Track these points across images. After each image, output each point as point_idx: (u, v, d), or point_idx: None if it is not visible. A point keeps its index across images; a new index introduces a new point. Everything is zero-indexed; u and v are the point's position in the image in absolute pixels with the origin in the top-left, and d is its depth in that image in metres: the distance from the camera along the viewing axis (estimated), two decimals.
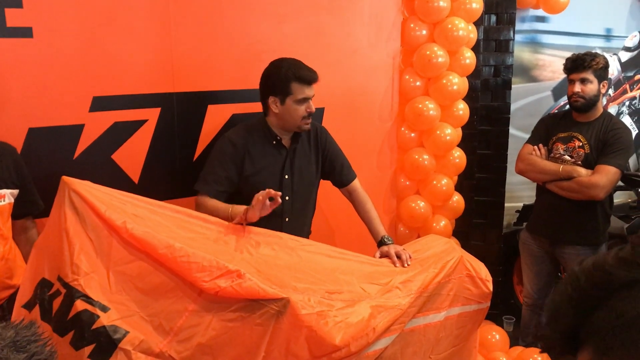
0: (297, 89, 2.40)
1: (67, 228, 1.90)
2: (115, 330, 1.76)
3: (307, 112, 2.43)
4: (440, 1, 3.26)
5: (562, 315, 0.74)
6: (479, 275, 2.38)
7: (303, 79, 2.40)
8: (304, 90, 2.40)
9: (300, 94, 2.40)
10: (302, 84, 2.40)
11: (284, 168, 2.52)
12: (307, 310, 1.80)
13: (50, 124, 2.35)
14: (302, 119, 2.44)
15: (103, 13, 2.39)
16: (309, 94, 2.42)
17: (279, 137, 2.51)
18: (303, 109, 2.42)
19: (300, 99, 2.41)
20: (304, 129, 2.49)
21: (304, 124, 2.46)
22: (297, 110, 2.42)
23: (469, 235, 3.94)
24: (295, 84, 2.39)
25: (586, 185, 2.90)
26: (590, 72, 2.95)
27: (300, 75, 2.40)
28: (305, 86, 2.41)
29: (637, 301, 0.68)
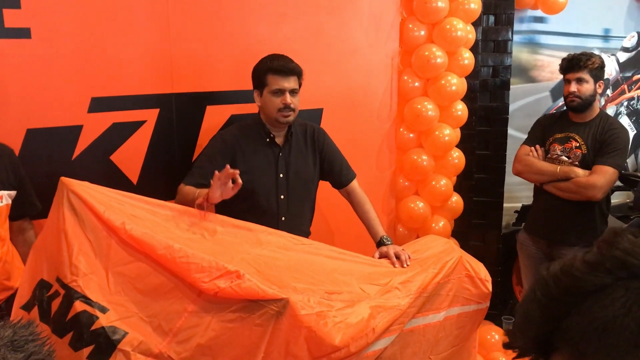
0: (271, 80, 2.41)
1: (65, 229, 1.90)
2: (115, 331, 1.76)
3: (282, 104, 2.41)
4: (438, 2, 3.26)
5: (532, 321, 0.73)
6: (478, 276, 2.37)
7: (276, 70, 2.40)
8: (278, 82, 2.40)
9: (275, 85, 2.41)
10: (276, 74, 2.40)
11: (278, 167, 2.52)
12: (307, 311, 1.79)
13: (49, 124, 2.35)
14: (278, 111, 2.43)
15: (101, 14, 2.39)
16: (284, 85, 2.41)
17: (272, 134, 2.51)
18: (279, 101, 2.41)
19: (275, 90, 2.41)
20: (283, 122, 2.46)
21: (282, 117, 2.44)
22: (273, 102, 2.42)
23: (468, 236, 3.94)
24: (270, 75, 2.40)
25: (584, 186, 2.89)
26: (586, 71, 2.95)
27: (274, 66, 2.40)
28: (280, 77, 2.40)
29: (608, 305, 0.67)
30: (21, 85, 2.26)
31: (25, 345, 0.86)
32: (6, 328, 0.88)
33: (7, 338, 0.86)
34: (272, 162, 2.52)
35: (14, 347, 0.85)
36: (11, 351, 0.84)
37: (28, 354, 0.85)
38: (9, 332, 0.87)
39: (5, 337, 0.86)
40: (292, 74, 2.42)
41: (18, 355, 0.84)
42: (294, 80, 2.44)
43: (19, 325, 0.89)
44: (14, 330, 0.88)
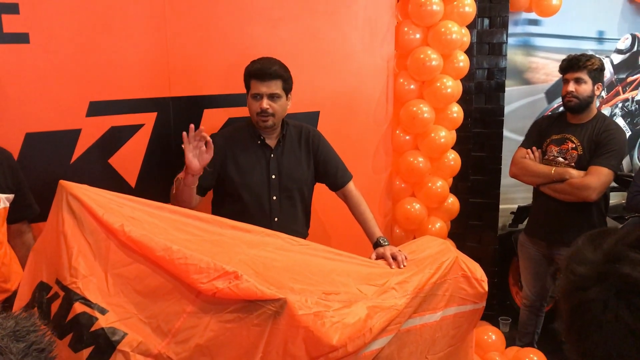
0: (252, 84, 2.44)
1: (65, 231, 1.91)
2: (114, 332, 1.77)
3: (259, 109, 2.43)
4: (433, 5, 3.29)
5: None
6: (474, 276, 2.39)
7: (255, 74, 2.42)
8: (256, 86, 2.42)
9: (254, 89, 2.44)
10: (255, 79, 2.43)
11: (270, 168, 2.53)
12: (304, 311, 1.81)
13: (47, 128, 2.36)
14: (256, 115, 2.45)
15: (99, 19, 2.41)
16: (261, 89, 2.42)
17: (262, 136, 2.53)
18: (257, 105, 2.43)
19: (253, 94, 2.44)
20: (262, 127, 2.48)
21: (260, 121, 2.45)
22: (252, 106, 2.46)
23: (464, 237, 3.96)
24: (252, 79, 2.44)
25: (578, 187, 2.91)
26: (585, 72, 2.97)
27: (252, 70, 2.43)
28: (258, 81, 2.41)
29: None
30: (20, 89, 2.27)
31: (26, 335, 0.88)
32: (8, 319, 0.90)
33: (9, 328, 0.88)
34: (264, 164, 2.54)
35: (16, 337, 0.87)
36: (13, 341, 0.87)
37: (29, 344, 0.88)
38: (11, 323, 0.89)
39: (8, 327, 0.88)
40: (271, 78, 2.41)
41: (20, 345, 0.87)
42: (275, 84, 2.42)
43: (21, 317, 0.91)
44: (16, 321, 0.90)
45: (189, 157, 2.21)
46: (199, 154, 2.23)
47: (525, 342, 3.46)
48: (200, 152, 2.22)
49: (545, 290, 3.38)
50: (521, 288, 3.48)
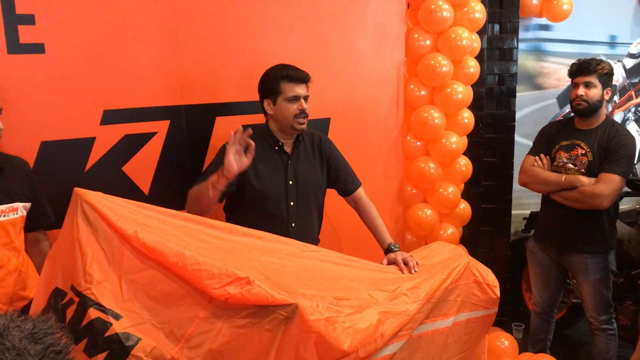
0: (286, 87, 2.46)
1: (79, 238, 1.94)
2: (128, 338, 1.79)
3: (299, 110, 2.47)
4: (443, 11, 3.30)
5: None
6: (486, 281, 2.39)
7: (291, 77, 2.46)
8: (293, 89, 2.46)
9: (290, 92, 2.46)
10: (291, 82, 2.46)
11: (287, 173, 2.55)
12: (316, 316, 1.81)
13: (62, 137, 2.40)
14: (294, 117, 2.48)
15: (113, 29, 2.45)
16: (299, 92, 2.47)
17: (280, 142, 2.55)
18: (295, 107, 2.47)
19: (291, 97, 2.46)
20: (298, 129, 2.51)
21: (297, 123, 2.49)
22: (289, 109, 2.47)
23: (476, 243, 3.95)
24: (285, 83, 2.46)
25: (589, 195, 2.89)
26: (594, 76, 2.96)
27: (289, 74, 2.46)
28: (295, 84, 2.46)
29: None
30: (35, 99, 2.31)
31: (44, 337, 0.91)
32: (27, 322, 0.93)
33: (27, 331, 0.90)
34: (281, 170, 2.56)
35: (34, 339, 0.90)
36: (31, 343, 0.89)
37: (47, 346, 0.90)
38: (29, 326, 0.92)
39: (26, 329, 0.91)
40: (305, 81, 2.49)
41: (37, 346, 0.89)
42: (305, 87, 2.51)
43: (39, 320, 0.94)
44: (34, 324, 0.92)
45: (230, 158, 2.21)
46: (238, 158, 2.24)
47: (537, 348, 3.44)
48: (240, 156, 2.23)
49: (556, 297, 3.36)
50: (532, 295, 3.46)
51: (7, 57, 2.23)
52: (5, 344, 0.87)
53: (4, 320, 0.92)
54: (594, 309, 3.11)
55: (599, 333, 3.15)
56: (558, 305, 3.44)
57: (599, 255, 3.03)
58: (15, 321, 0.92)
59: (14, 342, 0.87)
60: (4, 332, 0.89)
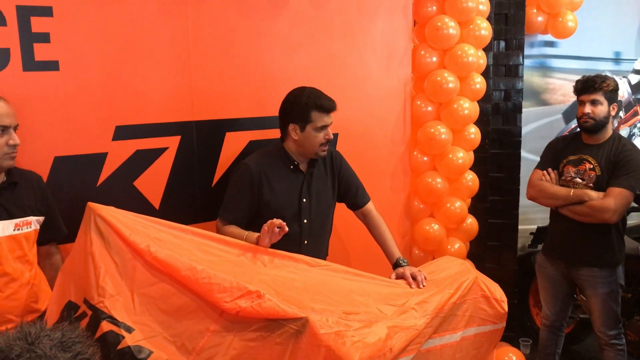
0: (317, 117, 2.49)
1: (92, 252, 1.97)
2: (140, 350, 1.81)
3: (325, 139, 2.51)
4: (450, 28, 3.34)
5: None
6: (494, 296, 2.40)
7: (323, 108, 2.49)
8: (323, 119, 2.49)
9: (320, 122, 2.49)
10: (321, 112, 2.49)
11: (302, 192, 2.58)
12: (326, 330, 1.83)
13: (75, 152, 2.43)
14: (320, 145, 2.52)
15: (125, 46, 2.49)
16: (327, 121, 2.51)
17: (296, 162, 2.58)
18: (322, 136, 2.50)
19: (320, 127, 2.50)
20: (321, 155, 2.56)
21: (321, 151, 2.54)
22: (316, 138, 2.50)
23: (483, 258, 3.95)
24: (315, 112, 2.48)
25: (598, 209, 2.90)
26: (600, 93, 2.98)
27: (321, 104, 2.49)
28: (325, 114, 2.50)
29: None
30: (49, 115, 2.35)
31: (73, 346, 0.94)
32: (56, 331, 0.96)
33: (56, 339, 0.93)
34: (296, 188, 2.58)
35: (63, 348, 0.93)
36: (60, 351, 0.92)
37: (75, 354, 0.93)
38: (58, 334, 0.95)
39: (55, 338, 0.94)
40: (333, 110, 2.53)
41: (67, 355, 0.92)
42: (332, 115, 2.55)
43: (67, 329, 0.96)
44: (62, 332, 0.95)
45: (264, 238, 2.25)
46: (272, 235, 2.27)
47: None
48: (273, 233, 2.26)
49: (565, 311, 3.35)
50: (541, 309, 3.45)
51: (22, 74, 2.27)
52: (37, 351, 0.90)
53: (35, 330, 0.95)
54: (603, 324, 3.10)
55: (608, 348, 3.13)
56: (567, 319, 3.43)
57: (608, 269, 3.04)
58: (44, 330, 0.95)
59: (45, 350, 0.90)
60: (35, 341, 0.92)
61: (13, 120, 2.09)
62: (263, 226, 2.25)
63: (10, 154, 2.09)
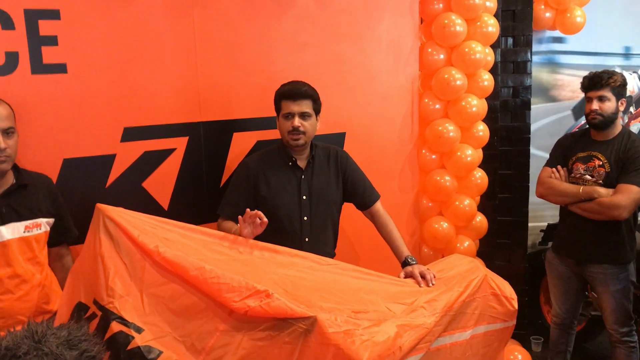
0: (283, 104, 2.51)
1: (102, 253, 1.98)
2: (150, 351, 1.82)
3: (291, 127, 2.49)
4: (457, 26, 3.33)
5: None
6: (504, 294, 2.38)
7: (287, 94, 2.50)
8: (288, 106, 2.49)
9: (285, 109, 2.50)
10: (286, 99, 2.50)
11: (301, 189, 2.58)
12: (334, 329, 1.82)
13: (84, 154, 2.45)
14: (288, 133, 2.51)
15: (133, 48, 2.51)
16: (292, 108, 2.49)
17: (294, 158, 2.58)
18: (289, 124, 2.50)
19: (285, 114, 2.50)
20: (292, 145, 2.54)
21: (292, 139, 2.51)
22: (284, 125, 2.52)
23: (493, 256, 3.94)
24: (283, 100, 2.51)
25: (608, 206, 2.88)
26: (608, 89, 2.96)
27: (284, 91, 2.52)
28: (289, 101, 2.49)
29: None
30: (58, 117, 2.37)
31: (79, 344, 0.95)
32: (62, 329, 0.97)
33: (63, 338, 0.94)
34: (295, 185, 2.58)
35: (70, 346, 0.94)
36: (67, 349, 0.93)
37: (81, 352, 0.94)
38: (64, 333, 0.96)
39: (62, 336, 0.95)
40: (302, 97, 2.50)
41: (73, 352, 0.93)
42: (306, 104, 2.51)
43: (73, 327, 0.97)
44: (68, 331, 0.96)
45: (242, 229, 2.28)
46: (253, 228, 2.28)
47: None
48: (254, 225, 2.28)
49: (576, 308, 3.33)
50: (552, 307, 3.43)
51: (31, 77, 2.29)
52: (44, 349, 0.90)
53: (41, 328, 0.96)
54: (615, 321, 3.08)
55: (620, 345, 3.11)
56: (578, 317, 3.41)
57: (619, 266, 3.01)
58: (51, 328, 0.96)
59: (51, 348, 0.91)
60: (42, 339, 0.93)
61: (5, 123, 2.03)
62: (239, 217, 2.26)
63: None
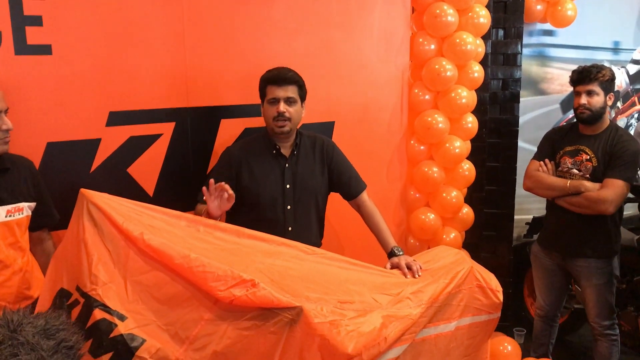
0: (268, 90, 2.49)
1: (85, 239, 1.95)
2: (133, 339, 1.80)
3: (276, 112, 2.47)
4: (448, 16, 3.31)
5: None
6: (489, 286, 2.39)
7: (271, 80, 2.48)
8: (273, 91, 2.47)
9: (270, 94, 2.48)
10: (271, 84, 2.48)
11: (285, 178, 2.56)
12: (320, 319, 1.82)
13: (68, 138, 2.41)
14: (272, 119, 2.49)
15: (119, 31, 2.46)
16: (278, 94, 2.47)
17: (277, 146, 2.56)
18: (274, 109, 2.47)
19: (270, 99, 2.48)
20: (277, 132, 2.51)
21: (277, 126, 2.49)
22: (268, 111, 2.50)
23: (478, 248, 3.96)
24: (268, 86, 2.49)
25: (594, 201, 2.90)
26: (596, 84, 2.96)
27: (269, 76, 2.49)
28: (274, 86, 2.47)
29: None
30: (42, 99, 2.32)
31: (56, 333, 0.92)
32: (39, 318, 0.94)
33: (40, 327, 0.92)
34: (279, 173, 2.56)
35: (47, 335, 0.91)
36: (44, 338, 0.90)
37: (59, 341, 0.91)
38: (41, 322, 0.93)
39: (39, 325, 0.92)
40: (287, 83, 2.48)
41: (50, 342, 0.91)
42: (291, 89, 2.49)
43: (51, 316, 0.95)
44: (46, 320, 0.94)
45: (211, 207, 2.27)
46: (220, 202, 2.28)
47: (539, 353, 3.44)
48: (221, 200, 2.27)
49: (560, 301, 3.36)
50: (536, 299, 3.46)
51: (14, 58, 2.23)
52: (19, 339, 0.88)
53: (17, 317, 0.93)
54: (597, 315, 3.11)
55: (602, 338, 3.15)
56: (561, 309, 3.44)
57: (604, 260, 3.04)
58: (27, 317, 0.94)
59: (27, 337, 0.88)
60: (17, 328, 0.90)
61: (3, 104, 2.06)
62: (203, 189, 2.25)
63: (3, 139, 2.06)
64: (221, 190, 2.25)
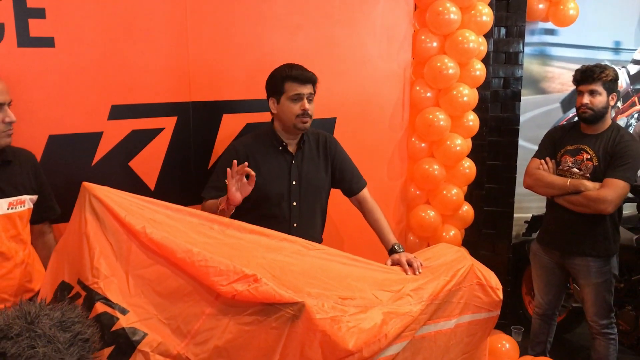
0: (290, 86, 2.47)
1: (87, 232, 1.95)
2: (134, 332, 1.80)
3: (301, 110, 2.47)
4: (451, 14, 3.31)
5: None
6: (489, 284, 2.40)
7: (295, 77, 2.48)
8: (296, 88, 2.47)
9: (293, 91, 2.47)
10: (294, 82, 2.47)
11: (291, 174, 2.56)
12: (322, 315, 1.82)
13: (70, 131, 2.40)
14: (296, 116, 2.49)
15: (122, 24, 2.45)
16: (302, 91, 2.47)
17: (284, 142, 2.56)
18: (297, 107, 2.47)
19: (293, 96, 2.48)
20: (300, 128, 2.52)
21: (300, 122, 2.50)
22: (291, 108, 2.48)
23: (478, 245, 3.96)
24: (289, 82, 2.47)
25: (594, 200, 2.90)
26: (599, 84, 2.96)
27: (292, 73, 2.48)
28: (298, 84, 2.47)
29: None
30: (44, 92, 2.32)
31: (72, 326, 0.92)
32: (55, 310, 0.94)
33: (56, 319, 0.92)
34: (285, 170, 2.56)
35: (63, 328, 0.91)
36: (60, 331, 0.91)
37: (75, 334, 0.92)
38: (58, 314, 0.93)
39: (55, 318, 0.92)
40: (309, 81, 2.49)
41: (66, 334, 0.91)
42: (310, 87, 2.51)
43: (67, 309, 0.95)
44: (62, 312, 0.94)
45: (232, 191, 2.27)
46: (241, 187, 2.28)
47: (537, 351, 3.45)
48: (242, 184, 2.27)
49: (558, 299, 3.37)
50: (534, 297, 3.47)
51: (17, 50, 2.23)
52: (37, 331, 0.88)
53: (34, 309, 0.93)
54: (595, 313, 3.12)
55: (600, 337, 3.16)
56: (560, 308, 3.45)
57: (602, 259, 3.04)
58: (44, 309, 0.94)
59: (44, 329, 0.88)
60: (35, 320, 0.90)
61: (6, 97, 2.05)
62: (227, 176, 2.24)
63: (6, 132, 2.06)
64: (243, 173, 2.24)
